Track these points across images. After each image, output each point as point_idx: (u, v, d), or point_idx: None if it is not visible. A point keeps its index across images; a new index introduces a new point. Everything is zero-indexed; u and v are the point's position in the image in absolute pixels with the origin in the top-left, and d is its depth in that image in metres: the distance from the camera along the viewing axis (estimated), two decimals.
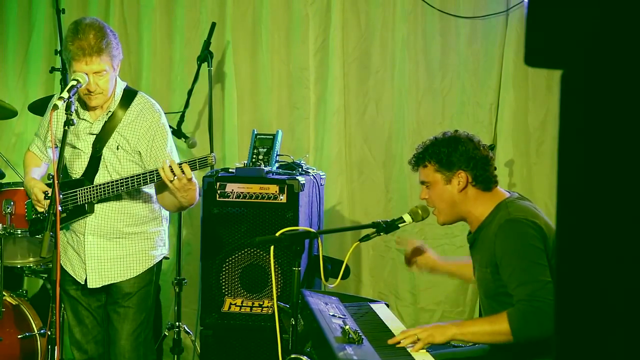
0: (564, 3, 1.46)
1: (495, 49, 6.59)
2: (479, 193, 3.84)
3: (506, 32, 6.54)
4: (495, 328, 3.59)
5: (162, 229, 4.66)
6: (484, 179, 3.84)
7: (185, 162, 4.19)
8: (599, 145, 1.44)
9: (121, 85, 4.54)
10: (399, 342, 3.67)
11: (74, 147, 4.50)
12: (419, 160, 3.90)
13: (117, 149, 4.45)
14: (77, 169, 4.51)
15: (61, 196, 4.26)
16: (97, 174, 4.47)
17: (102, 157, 4.46)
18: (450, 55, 6.67)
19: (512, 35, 6.51)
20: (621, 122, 1.42)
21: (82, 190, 4.44)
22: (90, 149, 4.47)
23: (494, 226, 3.73)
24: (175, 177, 4.15)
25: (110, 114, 4.46)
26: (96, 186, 4.42)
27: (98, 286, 4.52)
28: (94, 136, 4.47)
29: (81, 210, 4.46)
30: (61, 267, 4.53)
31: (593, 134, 1.45)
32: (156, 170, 4.25)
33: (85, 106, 4.45)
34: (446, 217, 3.94)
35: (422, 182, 3.93)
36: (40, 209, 4.53)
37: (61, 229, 4.39)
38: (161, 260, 4.71)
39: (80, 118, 4.44)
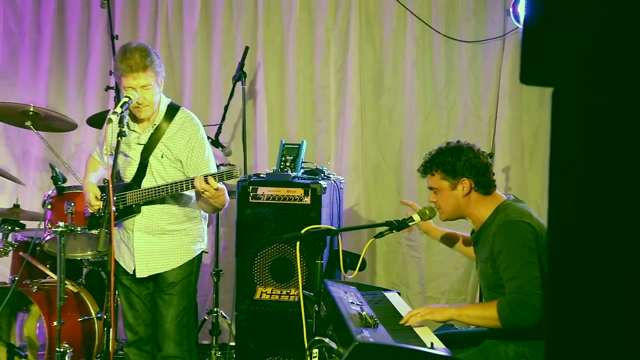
0: (554, 31, 1.45)
1: (493, 69, 6.58)
2: (480, 197, 3.85)
3: (503, 55, 6.53)
4: (486, 314, 3.61)
5: (201, 227, 4.67)
6: (485, 184, 3.85)
7: (213, 175, 4.22)
8: (586, 153, 1.44)
9: (165, 102, 4.56)
10: (406, 322, 3.70)
11: (126, 156, 4.52)
12: (427, 169, 3.92)
13: (162, 157, 4.47)
14: (128, 175, 4.54)
15: (114, 198, 4.29)
16: (144, 179, 4.50)
17: (149, 164, 4.48)
18: (454, 74, 6.66)
19: (508, 57, 6.50)
20: (604, 133, 1.42)
21: (131, 193, 4.46)
22: (139, 157, 4.50)
23: (494, 226, 3.74)
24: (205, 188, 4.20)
25: (155, 126, 4.48)
26: (143, 190, 4.45)
27: (145, 276, 4.55)
28: (142, 146, 4.49)
29: (130, 210, 4.48)
30: (116, 260, 4.57)
31: (580, 143, 1.45)
32: (192, 179, 4.28)
33: (135, 119, 4.47)
34: (449, 216, 3.96)
35: (430, 188, 3.95)
36: (91, 210, 4.57)
37: (114, 226, 4.43)
38: (200, 254, 4.71)
39: (130, 130, 4.46)
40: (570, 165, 1.46)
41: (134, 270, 4.54)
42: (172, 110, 4.54)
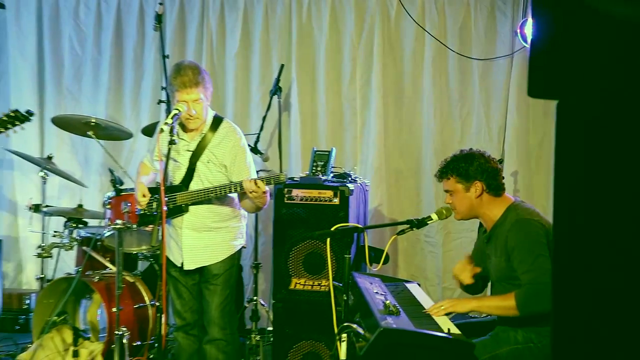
0: (558, 51, 1.45)
1: (502, 84, 6.57)
2: (491, 198, 3.84)
3: (511, 71, 6.53)
4: (505, 304, 3.59)
5: (241, 225, 4.68)
6: (495, 187, 3.84)
7: (262, 179, 4.25)
8: (587, 159, 1.44)
9: (211, 113, 4.58)
10: (432, 313, 3.70)
11: (175, 161, 4.54)
12: (443, 174, 3.92)
13: (208, 162, 4.48)
14: (177, 178, 4.56)
15: (165, 199, 4.32)
16: (192, 181, 4.51)
17: (196, 168, 4.50)
18: (467, 88, 6.65)
19: (515, 73, 6.50)
20: (603, 140, 1.42)
21: (180, 194, 4.49)
22: (188, 162, 4.51)
23: (506, 224, 3.74)
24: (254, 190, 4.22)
25: (203, 135, 4.50)
26: (191, 191, 4.47)
27: (191, 268, 4.56)
28: (191, 152, 4.51)
29: (179, 210, 4.50)
30: (167, 255, 4.59)
31: (582, 150, 1.45)
32: (239, 182, 4.29)
33: (184, 129, 4.50)
34: (463, 216, 3.96)
35: (446, 191, 3.94)
36: (139, 207, 4.61)
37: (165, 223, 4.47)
38: (241, 249, 4.73)
39: (180, 138, 4.48)
40: (573, 169, 1.47)
41: (182, 264, 4.56)
42: (217, 121, 4.56)
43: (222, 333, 4.59)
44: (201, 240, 4.54)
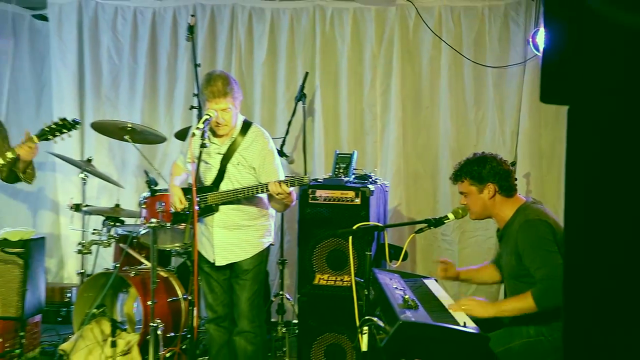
0: (568, 60, 1.44)
1: (515, 90, 6.54)
2: (503, 199, 3.83)
3: (523, 78, 6.50)
4: (524, 305, 3.56)
5: (269, 223, 4.68)
6: (507, 188, 3.83)
7: (287, 181, 4.25)
8: (596, 161, 1.44)
9: (241, 119, 4.59)
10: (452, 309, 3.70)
11: (207, 163, 4.55)
12: (457, 177, 3.92)
13: (238, 164, 4.49)
14: (208, 179, 4.57)
15: (197, 199, 4.33)
16: (222, 182, 4.52)
17: (227, 170, 4.51)
18: (481, 94, 6.63)
19: (528, 79, 6.46)
20: (611, 143, 1.41)
21: (211, 194, 4.50)
22: (219, 164, 4.52)
23: (516, 225, 3.73)
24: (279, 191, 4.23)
25: (233, 139, 4.51)
26: (221, 192, 4.48)
27: (223, 264, 4.56)
28: (221, 155, 4.52)
29: (210, 209, 4.51)
30: (198, 250, 4.60)
31: (592, 153, 1.44)
32: (266, 184, 4.30)
33: (215, 134, 4.51)
34: (478, 216, 3.96)
35: (461, 192, 3.93)
36: (174, 210, 4.61)
37: (197, 222, 4.48)
38: (269, 246, 4.73)
39: (211, 142, 4.49)
40: (583, 171, 1.46)
41: (214, 260, 4.58)
42: (246, 126, 4.57)
43: (251, 325, 4.60)
44: (231, 237, 4.55)
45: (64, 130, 4.78)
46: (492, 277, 4.25)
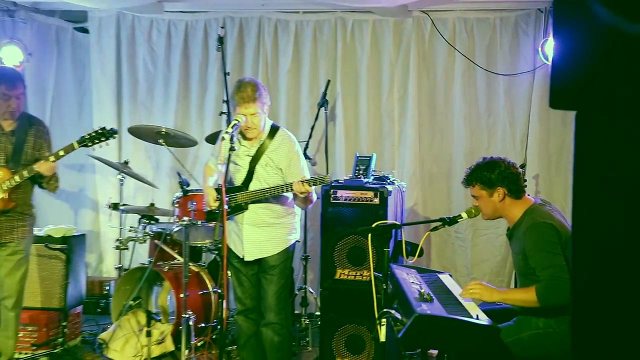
0: (577, 66, 1.44)
1: (525, 96, 6.51)
2: (513, 201, 3.81)
3: (533, 85, 6.47)
4: (527, 297, 3.57)
5: (295, 221, 4.68)
6: (516, 190, 3.81)
7: (309, 180, 4.25)
8: (603, 164, 1.43)
9: (269, 123, 4.60)
10: (465, 293, 3.73)
11: (237, 164, 4.56)
12: (468, 181, 3.90)
13: (266, 166, 4.50)
14: (239, 179, 4.58)
15: (227, 198, 4.35)
16: (251, 182, 4.53)
17: (255, 171, 4.52)
18: (493, 100, 6.60)
19: (537, 86, 6.44)
20: (617, 148, 1.41)
21: (240, 194, 4.51)
22: (248, 165, 4.53)
23: (523, 226, 3.71)
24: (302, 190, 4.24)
25: (261, 142, 4.52)
26: (250, 192, 4.49)
27: (251, 259, 4.56)
28: (250, 157, 4.52)
29: (240, 208, 4.52)
30: (228, 246, 4.61)
31: (599, 156, 1.43)
32: (290, 183, 4.31)
33: (245, 137, 4.52)
34: (489, 217, 3.94)
35: (473, 196, 3.91)
36: (208, 208, 4.62)
37: (227, 220, 4.48)
38: (295, 243, 4.71)
39: (241, 145, 4.51)
40: (590, 173, 1.46)
41: (243, 255, 4.58)
42: (274, 130, 4.58)
43: (278, 318, 4.59)
44: (260, 234, 4.54)
45: (102, 139, 4.79)
46: None
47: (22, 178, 4.68)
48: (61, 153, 4.71)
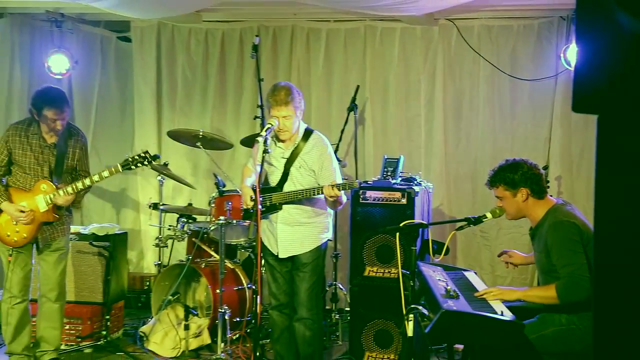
0: (599, 71, 1.42)
1: (547, 101, 6.45)
2: (536, 201, 3.78)
3: (555, 89, 6.41)
4: (548, 294, 3.56)
5: (327, 221, 4.66)
6: (538, 191, 3.78)
7: (339, 185, 4.25)
8: (624, 165, 1.42)
9: (303, 126, 4.60)
10: (482, 295, 3.67)
11: (272, 166, 4.58)
12: (492, 183, 3.88)
13: (300, 168, 4.50)
14: (274, 180, 4.59)
15: (261, 198, 4.36)
16: (286, 183, 4.54)
17: (290, 173, 4.53)
18: (517, 104, 6.56)
19: (559, 91, 6.38)
20: (638, 149, 1.39)
21: (275, 194, 4.52)
22: (283, 167, 4.54)
23: (546, 225, 3.69)
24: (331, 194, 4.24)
25: (296, 145, 4.53)
26: (284, 192, 4.50)
27: (285, 257, 4.57)
28: (285, 159, 4.54)
29: (274, 207, 4.53)
30: (263, 244, 4.62)
31: (620, 158, 1.42)
32: (321, 187, 4.32)
33: (279, 139, 4.54)
34: (513, 217, 3.92)
35: (497, 197, 3.89)
36: (245, 207, 4.62)
37: (262, 219, 4.51)
38: (327, 242, 4.69)
39: (277, 147, 4.53)
40: (612, 174, 1.45)
41: (277, 252, 4.59)
42: (307, 133, 4.59)
43: (309, 313, 4.58)
44: (293, 233, 4.55)
45: (145, 163, 4.81)
46: None
47: (66, 194, 4.74)
48: (105, 174, 4.75)
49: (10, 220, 4.72)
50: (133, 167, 4.79)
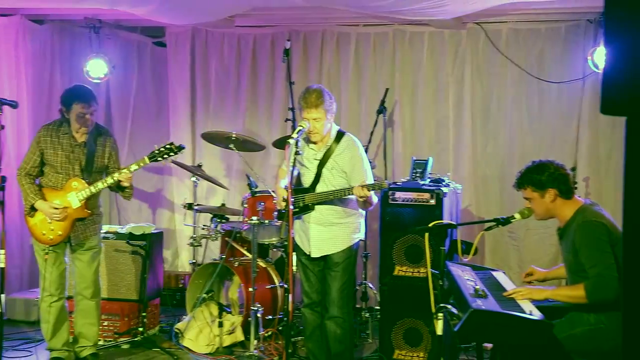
0: (628, 74, 1.42)
1: (575, 103, 6.40)
2: (564, 201, 3.74)
3: (583, 92, 6.35)
4: (576, 294, 3.53)
5: (358, 221, 4.64)
6: (566, 191, 3.75)
7: (368, 185, 4.25)
8: None
9: (335, 128, 4.61)
10: (511, 295, 3.65)
11: (306, 167, 4.59)
12: (519, 185, 3.85)
13: (332, 169, 4.51)
14: (306, 181, 4.60)
15: (293, 199, 4.38)
16: (318, 184, 4.54)
17: (322, 174, 4.54)
18: (544, 107, 6.51)
19: (587, 94, 6.34)
20: None
21: (307, 195, 4.53)
22: (315, 168, 4.55)
23: (574, 225, 3.65)
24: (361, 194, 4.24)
25: (328, 146, 4.54)
26: (316, 193, 4.51)
27: (317, 256, 4.57)
28: (317, 161, 4.55)
29: (307, 208, 4.54)
30: (296, 243, 4.65)
31: None
32: (351, 187, 4.32)
33: (310, 141, 4.55)
34: (541, 217, 3.89)
35: (525, 198, 3.86)
36: (279, 207, 4.64)
37: (295, 219, 4.54)
38: (358, 242, 4.68)
39: (309, 148, 4.55)
40: None
41: (310, 252, 4.59)
42: (340, 135, 4.59)
43: (340, 312, 4.58)
44: (325, 233, 4.55)
45: (171, 154, 4.86)
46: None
47: (97, 189, 4.81)
48: (134, 167, 4.81)
49: (45, 220, 4.80)
50: (160, 158, 4.85)
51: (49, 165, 4.86)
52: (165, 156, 4.86)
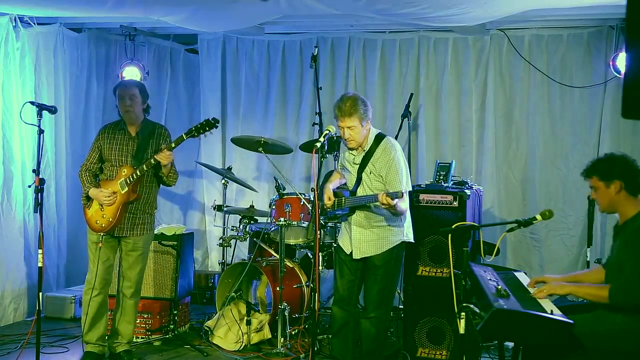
0: None
1: (596, 107, 6.33)
2: (629, 197, 3.61)
3: (604, 96, 6.28)
4: (599, 294, 3.47)
5: (400, 224, 4.53)
6: (633, 186, 3.61)
7: (390, 194, 4.14)
8: None
9: (374, 132, 4.55)
10: (535, 295, 3.62)
11: (348, 172, 4.58)
12: (587, 173, 3.74)
13: (370, 173, 4.46)
14: (350, 185, 4.58)
15: (335, 202, 4.47)
16: (358, 188, 4.50)
17: (362, 178, 4.50)
18: (566, 111, 6.46)
19: (608, 98, 6.27)
20: None
21: (345, 198, 4.50)
22: (356, 173, 4.52)
23: (634, 225, 3.54)
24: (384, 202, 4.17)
25: (366, 151, 4.50)
26: (349, 198, 4.48)
27: (358, 257, 4.51)
28: (357, 165, 4.52)
29: (351, 210, 4.52)
30: (339, 243, 4.66)
31: None
32: (376, 195, 4.23)
33: (349, 148, 4.54)
34: (605, 209, 3.76)
35: (591, 187, 3.78)
36: (325, 206, 4.55)
37: (340, 221, 4.58)
38: (401, 244, 4.55)
39: (350, 153, 4.55)
40: None
41: (351, 252, 4.54)
42: (378, 139, 4.52)
43: (377, 312, 4.52)
44: (367, 235, 4.49)
45: (207, 129, 4.85)
46: (598, 279, 3.86)
47: (142, 171, 4.86)
48: (173, 145, 4.86)
49: (98, 210, 4.90)
50: (196, 134, 4.83)
51: (107, 160, 4.99)
52: (202, 131, 4.85)
